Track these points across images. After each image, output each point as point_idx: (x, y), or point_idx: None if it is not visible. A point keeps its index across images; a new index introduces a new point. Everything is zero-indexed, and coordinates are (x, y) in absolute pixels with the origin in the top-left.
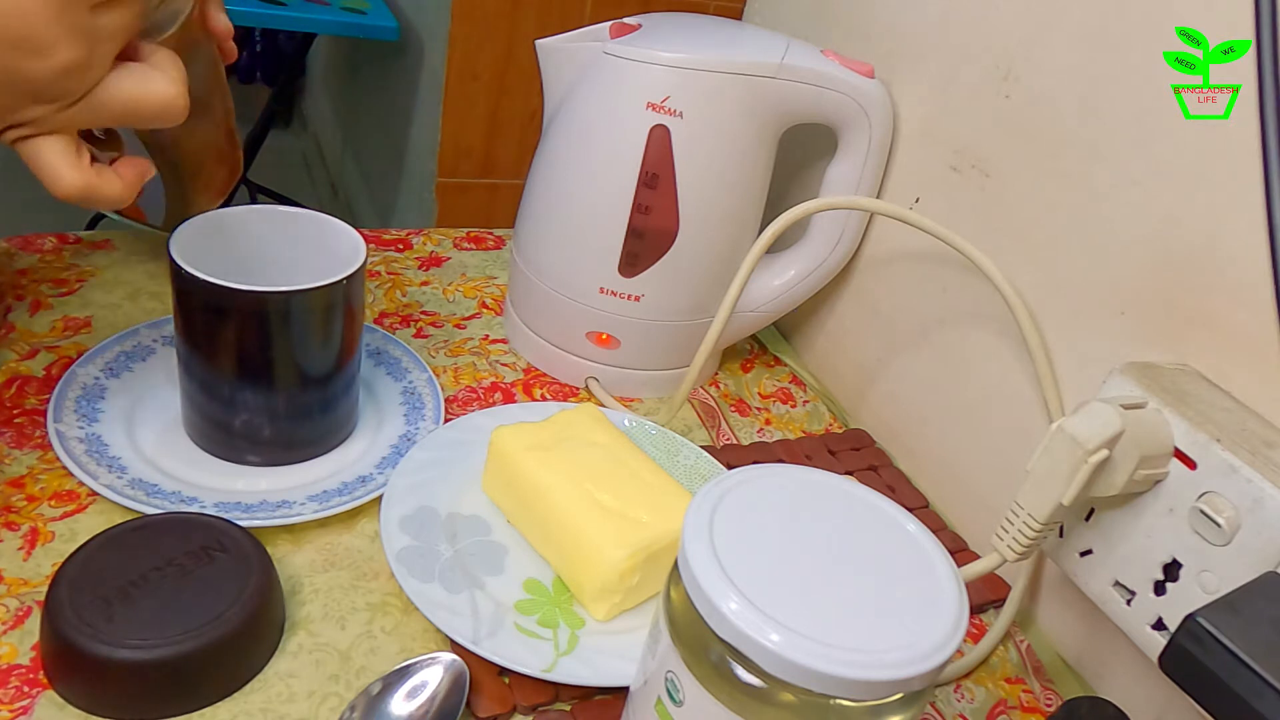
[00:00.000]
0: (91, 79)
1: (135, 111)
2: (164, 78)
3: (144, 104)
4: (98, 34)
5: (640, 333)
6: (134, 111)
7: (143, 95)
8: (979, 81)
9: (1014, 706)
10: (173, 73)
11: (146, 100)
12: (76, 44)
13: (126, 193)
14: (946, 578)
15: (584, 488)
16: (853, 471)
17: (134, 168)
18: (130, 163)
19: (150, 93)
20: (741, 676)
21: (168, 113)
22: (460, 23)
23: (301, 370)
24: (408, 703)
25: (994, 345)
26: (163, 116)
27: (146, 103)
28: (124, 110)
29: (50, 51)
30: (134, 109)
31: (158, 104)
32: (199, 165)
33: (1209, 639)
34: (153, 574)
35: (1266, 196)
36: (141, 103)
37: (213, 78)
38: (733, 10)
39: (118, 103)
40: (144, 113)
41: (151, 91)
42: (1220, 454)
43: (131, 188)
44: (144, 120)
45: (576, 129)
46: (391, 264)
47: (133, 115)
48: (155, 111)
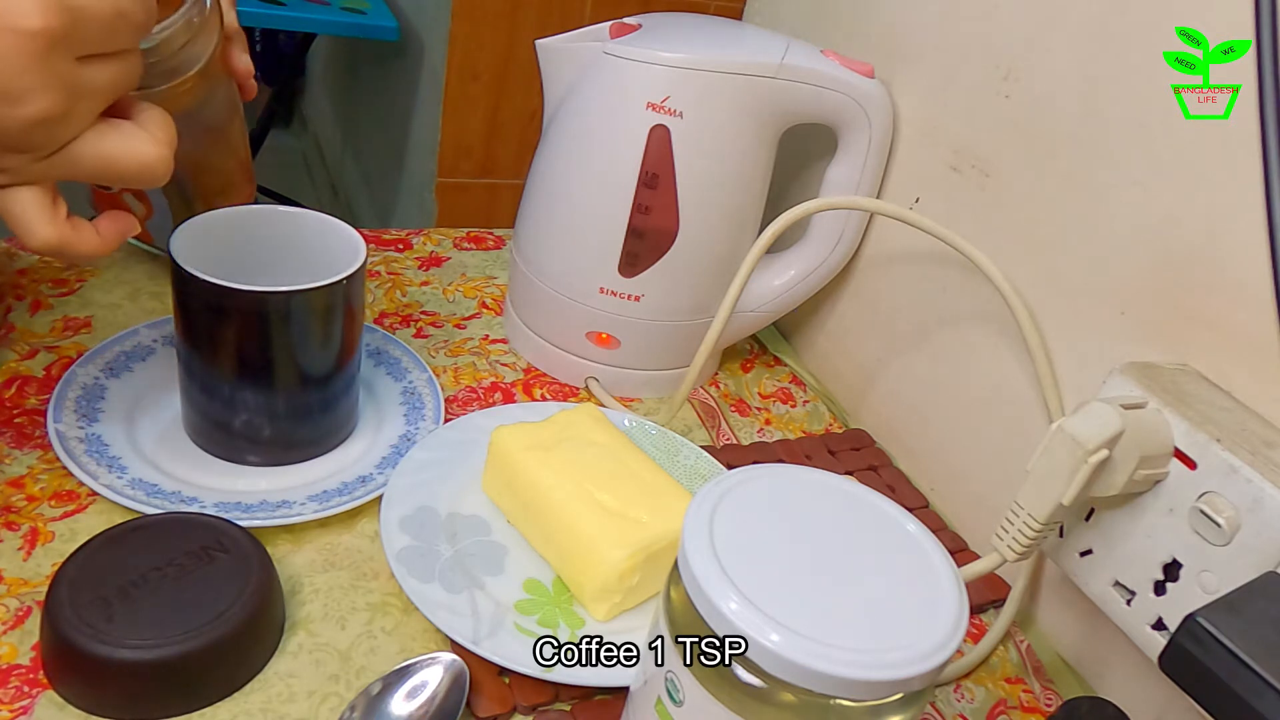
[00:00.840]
0: (69, 132)
1: (113, 170)
2: (149, 139)
3: (123, 163)
4: (81, 87)
5: (640, 333)
6: (112, 170)
7: (123, 154)
8: (979, 81)
9: (1014, 706)
10: (159, 134)
11: (126, 160)
12: (53, 95)
13: (103, 249)
14: (946, 578)
15: (584, 488)
16: (853, 471)
17: (116, 224)
18: (114, 218)
19: (131, 152)
20: (741, 676)
21: (147, 175)
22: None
23: (301, 370)
24: (408, 703)
25: (994, 345)
26: (141, 178)
27: (125, 162)
28: (102, 167)
29: (23, 100)
30: (112, 168)
31: (137, 165)
32: (212, 196)
33: (1209, 639)
34: (153, 574)
35: (1266, 196)
36: (120, 162)
37: (231, 113)
38: (733, 10)
39: (96, 159)
40: (122, 172)
41: (133, 151)
42: (1220, 454)
43: (109, 244)
44: (122, 180)
45: (576, 129)
46: (391, 264)
47: (111, 174)
48: (134, 172)
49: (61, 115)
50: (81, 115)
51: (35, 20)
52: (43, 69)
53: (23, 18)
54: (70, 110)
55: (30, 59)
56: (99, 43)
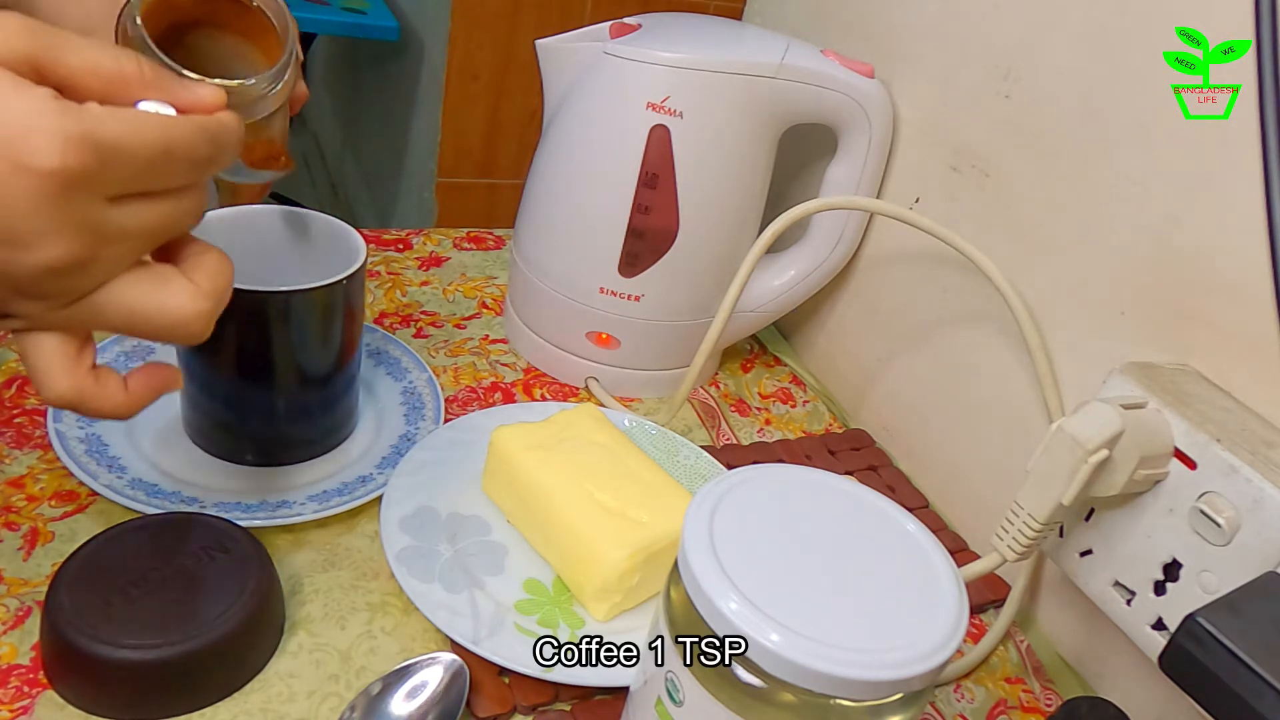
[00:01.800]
0: (91, 281)
1: (142, 326)
2: (191, 293)
3: (155, 320)
4: (109, 231)
5: (640, 333)
6: (140, 326)
7: (155, 309)
8: (979, 81)
9: (1014, 706)
10: (206, 285)
11: (159, 316)
12: (70, 240)
13: (127, 409)
14: (946, 578)
15: (584, 488)
16: (853, 471)
17: (150, 380)
18: (150, 373)
19: (165, 308)
20: (741, 676)
21: (181, 334)
22: (460, 23)
23: (301, 370)
24: (408, 703)
25: (994, 345)
26: (175, 337)
27: (158, 319)
28: (130, 322)
29: (32, 245)
30: (142, 323)
31: (170, 322)
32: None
33: (1209, 639)
34: (153, 574)
35: (1266, 196)
36: (152, 318)
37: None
38: (733, 10)
39: (123, 312)
40: (154, 329)
41: (167, 306)
42: (1220, 454)
43: (136, 404)
44: (151, 337)
45: (576, 129)
46: (391, 264)
47: (139, 329)
48: (167, 329)
49: (78, 263)
50: (108, 262)
51: (50, 159)
52: (56, 211)
53: (34, 155)
54: (92, 257)
55: (42, 200)
56: (137, 182)
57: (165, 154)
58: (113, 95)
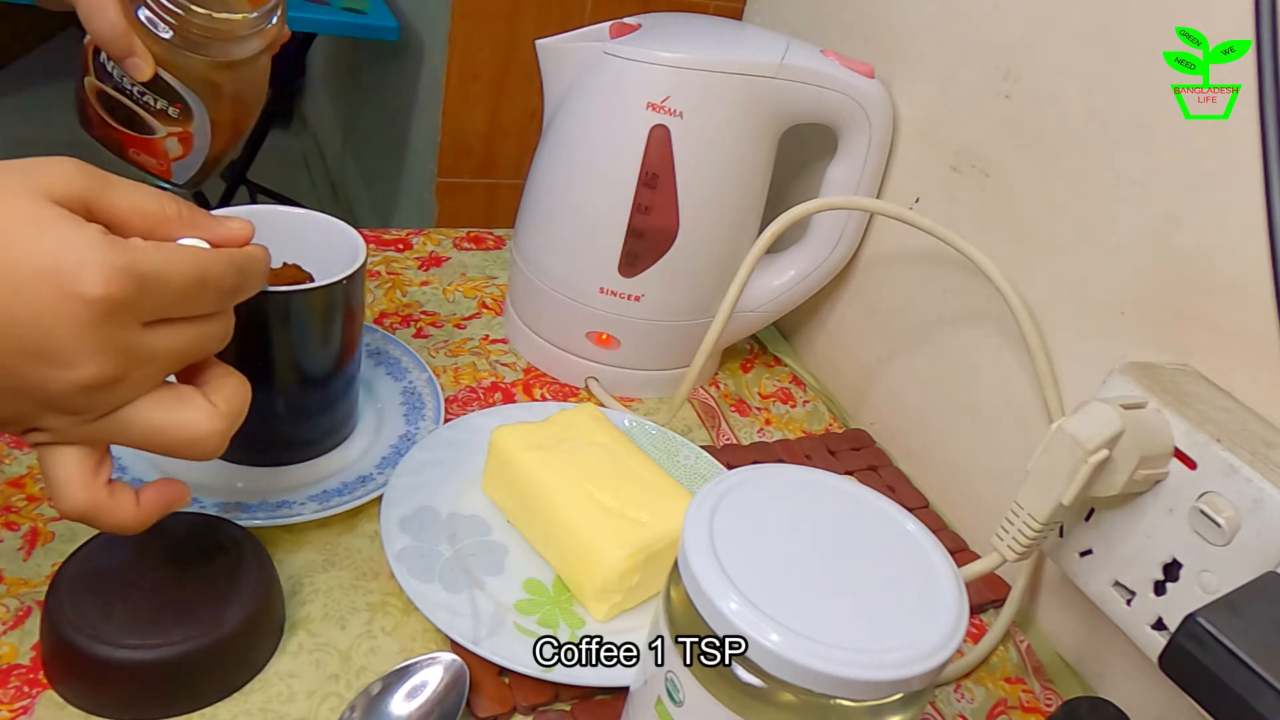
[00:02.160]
0: (120, 399)
1: (162, 442)
2: (209, 413)
3: (173, 436)
4: (140, 354)
5: (640, 333)
6: (160, 441)
7: (175, 427)
8: (979, 81)
9: (1014, 706)
10: (224, 406)
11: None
12: (107, 361)
13: (137, 523)
14: (946, 578)
15: (584, 488)
16: (853, 471)
17: (163, 495)
18: (161, 490)
19: (184, 425)
20: (741, 676)
21: (197, 451)
22: (460, 23)
23: (301, 370)
24: (408, 703)
25: (994, 345)
26: (191, 453)
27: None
28: (151, 438)
29: (72, 365)
30: (162, 439)
31: (188, 439)
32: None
33: (1209, 639)
34: (152, 574)
35: (1266, 196)
36: (171, 435)
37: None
38: (733, 10)
39: (146, 429)
40: (172, 445)
41: (186, 425)
42: (1220, 454)
43: (146, 518)
44: (168, 453)
45: (576, 129)
46: (391, 264)
47: (159, 445)
48: (184, 446)
49: (112, 382)
50: (137, 382)
51: (96, 288)
52: (97, 336)
53: (82, 284)
54: (124, 377)
55: (85, 326)
56: (172, 309)
57: (199, 283)
58: (155, 233)
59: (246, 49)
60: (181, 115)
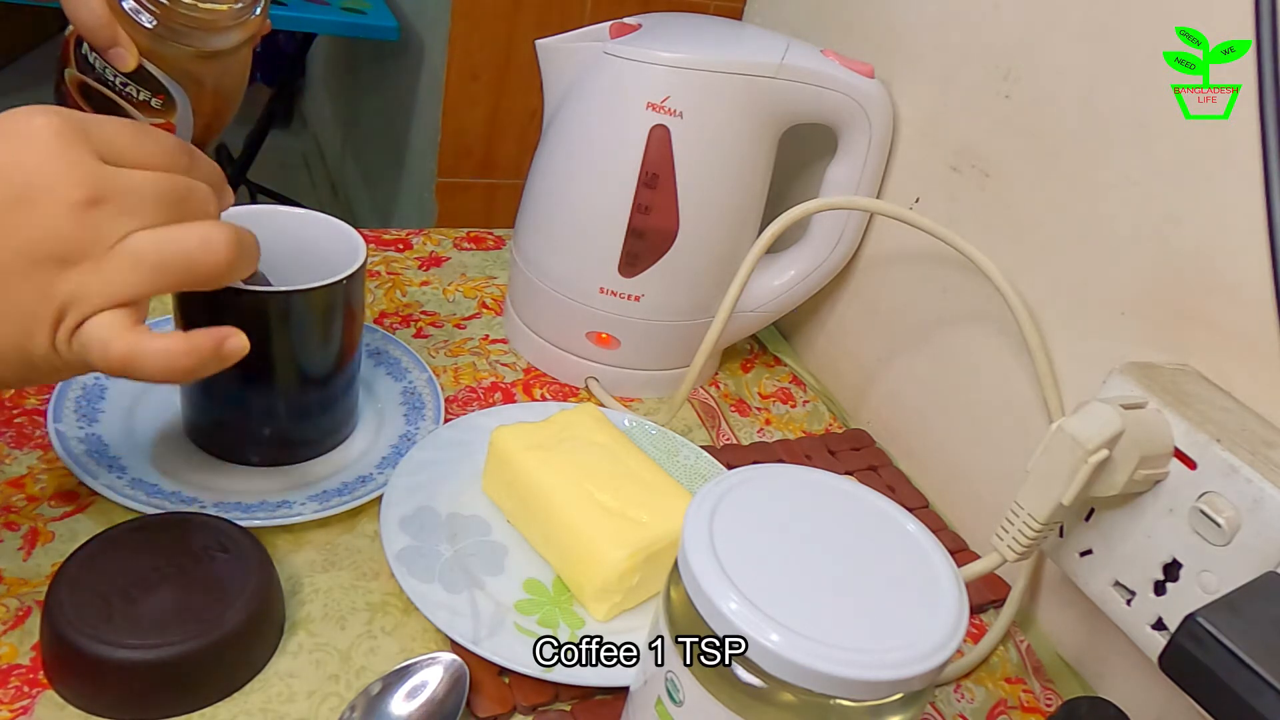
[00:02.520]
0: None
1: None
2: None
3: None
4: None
5: (640, 333)
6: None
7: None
8: (979, 81)
9: (1014, 706)
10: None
11: (185, 240)
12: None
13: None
14: (946, 578)
15: (584, 488)
16: (853, 471)
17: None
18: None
19: (188, 233)
20: (741, 676)
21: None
22: (460, 23)
23: (301, 370)
24: (408, 703)
25: (994, 345)
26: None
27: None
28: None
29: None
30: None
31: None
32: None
33: (1209, 639)
34: (153, 574)
35: (1266, 196)
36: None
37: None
38: (733, 10)
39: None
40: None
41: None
42: (1220, 454)
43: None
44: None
45: (576, 129)
46: (391, 264)
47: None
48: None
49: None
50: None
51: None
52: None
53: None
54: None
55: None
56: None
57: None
58: None
59: (229, 40)
60: (164, 106)
